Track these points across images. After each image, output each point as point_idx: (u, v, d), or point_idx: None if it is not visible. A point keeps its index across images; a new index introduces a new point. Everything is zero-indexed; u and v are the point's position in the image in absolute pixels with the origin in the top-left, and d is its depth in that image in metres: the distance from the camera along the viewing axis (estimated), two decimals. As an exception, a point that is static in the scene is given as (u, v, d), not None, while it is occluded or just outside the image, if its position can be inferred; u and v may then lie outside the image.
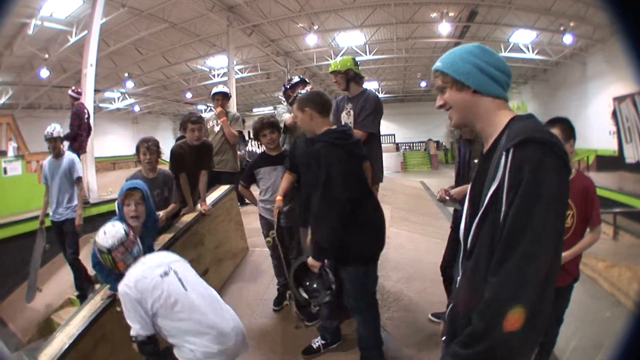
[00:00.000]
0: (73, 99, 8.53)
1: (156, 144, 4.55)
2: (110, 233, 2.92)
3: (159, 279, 2.78)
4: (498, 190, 1.41)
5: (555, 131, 2.79)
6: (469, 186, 3.64)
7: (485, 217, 1.48)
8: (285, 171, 4.27)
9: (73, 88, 8.83)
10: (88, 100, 11.15)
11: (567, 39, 16.84)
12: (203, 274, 4.84)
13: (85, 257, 7.17)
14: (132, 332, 2.73)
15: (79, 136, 8.29)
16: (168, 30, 17.56)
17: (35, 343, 5.58)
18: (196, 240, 4.84)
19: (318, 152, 3.32)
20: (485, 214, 1.47)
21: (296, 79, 5.30)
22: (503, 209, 1.39)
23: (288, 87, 5.28)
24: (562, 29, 16.68)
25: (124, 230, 2.98)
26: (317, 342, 4.02)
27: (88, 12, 13.74)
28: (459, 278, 1.69)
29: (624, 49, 1.49)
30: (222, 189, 5.85)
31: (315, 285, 3.47)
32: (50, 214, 6.24)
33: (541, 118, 1.59)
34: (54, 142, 6.12)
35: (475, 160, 3.77)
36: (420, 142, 35.13)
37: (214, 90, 6.57)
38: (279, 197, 4.15)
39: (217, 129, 6.37)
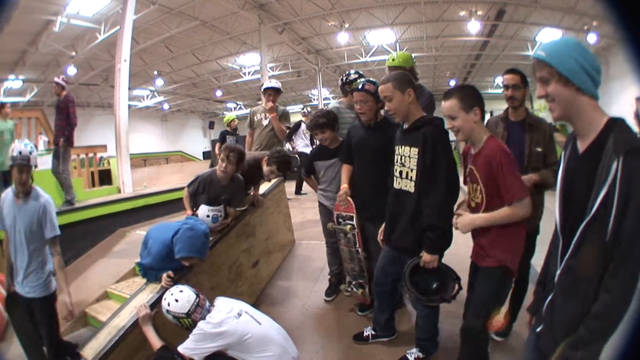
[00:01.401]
0: (61, 87, 7.99)
1: (238, 155, 4.38)
2: (184, 299, 3.16)
3: (235, 321, 3.10)
4: (608, 196, 1.56)
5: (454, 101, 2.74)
6: (534, 177, 3.34)
7: (592, 221, 1.63)
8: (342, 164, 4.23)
9: (62, 77, 8.29)
10: (122, 95, 11.16)
11: (591, 38, 16.46)
12: (253, 266, 4.89)
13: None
14: (183, 352, 3.04)
15: (74, 127, 8.05)
16: (198, 28, 17.52)
17: (66, 337, 5.49)
18: (248, 231, 4.83)
19: (433, 137, 3.19)
20: (594, 219, 1.62)
21: (353, 73, 5.16)
22: (613, 212, 1.55)
23: (345, 82, 5.06)
24: (585, 28, 16.37)
25: (193, 291, 3.24)
26: (367, 331, 3.99)
27: (116, 9, 13.82)
28: (558, 272, 1.82)
29: (627, 54, 1.64)
30: (272, 181, 5.74)
31: (435, 285, 3.21)
32: (15, 283, 3.97)
33: None
34: (25, 172, 3.73)
35: (539, 149, 3.51)
36: (451, 140, 34.71)
37: (266, 84, 6.33)
38: (345, 185, 4.05)
39: (265, 122, 6.15)
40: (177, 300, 3.15)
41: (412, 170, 3.25)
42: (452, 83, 27.54)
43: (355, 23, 18.24)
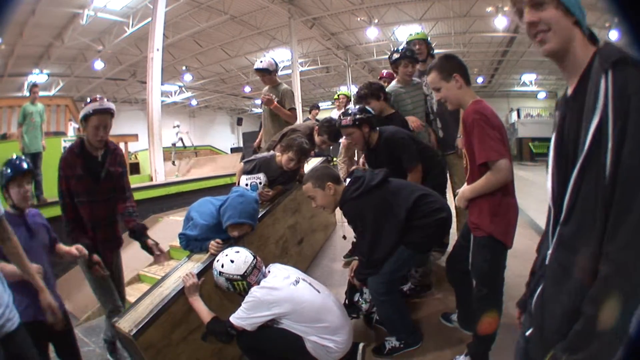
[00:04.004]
0: None
1: (307, 157, 4.52)
2: (240, 260, 3.01)
3: (293, 287, 2.95)
4: (601, 125, 1.19)
5: None
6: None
7: (586, 166, 1.25)
8: None
9: None
10: (155, 84, 11.17)
11: (613, 35, 16.25)
12: (299, 243, 4.80)
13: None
14: (235, 322, 2.84)
15: None
16: (228, 22, 17.55)
17: (95, 320, 5.47)
18: (294, 207, 4.80)
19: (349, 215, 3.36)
20: (587, 161, 1.24)
21: (395, 52, 4.89)
22: (610, 143, 1.16)
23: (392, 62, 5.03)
24: (607, 25, 16.10)
25: (251, 253, 3.10)
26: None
27: (145, 3, 13.97)
28: (549, 252, 1.45)
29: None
30: (316, 160, 5.78)
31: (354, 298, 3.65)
32: None
33: None
34: None
35: None
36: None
37: (255, 65, 5.87)
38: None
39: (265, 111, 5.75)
40: (232, 261, 2.99)
41: None
42: (480, 80, 27.27)
43: (384, 18, 18.22)
